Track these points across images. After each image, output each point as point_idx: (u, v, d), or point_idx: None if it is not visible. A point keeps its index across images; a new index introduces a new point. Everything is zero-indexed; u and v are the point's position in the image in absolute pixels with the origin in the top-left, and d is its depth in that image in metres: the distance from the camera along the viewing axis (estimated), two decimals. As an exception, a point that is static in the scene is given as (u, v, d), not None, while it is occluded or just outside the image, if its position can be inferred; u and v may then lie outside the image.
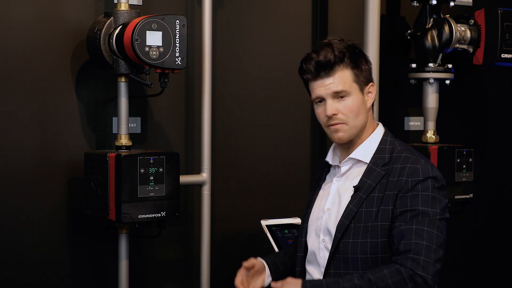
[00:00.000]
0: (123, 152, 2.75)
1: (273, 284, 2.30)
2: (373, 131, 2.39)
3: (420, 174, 2.25)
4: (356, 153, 2.36)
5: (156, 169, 2.73)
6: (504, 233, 4.06)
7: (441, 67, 3.48)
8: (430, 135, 3.52)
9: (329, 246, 2.32)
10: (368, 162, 2.34)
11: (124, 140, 2.86)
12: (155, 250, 3.13)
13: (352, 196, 2.31)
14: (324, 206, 2.38)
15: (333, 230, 2.31)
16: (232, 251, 3.32)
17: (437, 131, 3.55)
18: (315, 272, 2.37)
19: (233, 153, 3.31)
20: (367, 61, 2.36)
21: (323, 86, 2.32)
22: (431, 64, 3.47)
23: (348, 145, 2.38)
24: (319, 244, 2.36)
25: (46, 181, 2.90)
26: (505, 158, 4.04)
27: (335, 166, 2.42)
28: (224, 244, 3.28)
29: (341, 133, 2.34)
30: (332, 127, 2.33)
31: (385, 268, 2.19)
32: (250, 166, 3.34)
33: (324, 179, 2.46)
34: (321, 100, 2.33)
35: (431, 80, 3.47)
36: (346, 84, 2.31)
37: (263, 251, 3.25)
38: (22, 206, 2.86)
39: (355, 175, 2.35)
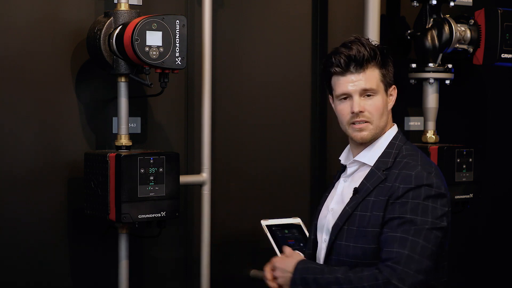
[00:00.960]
0: (123, 152, 2.75)
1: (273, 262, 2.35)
2: (384, 133, 2.34)
3: (412, 182, 2.19)
4: (361, 156, 2.32)
5: (156, 169, 2.73)
6: (504, 233, 4.06)
7: (441, 67, 3.48)
8: (430, 135, 3.52)
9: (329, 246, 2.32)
10: (372, 165, 2.30)
11: (124, 140, 2.86)
12: (155, 250, 3.13)
13: (350, 198, 2.30)
14: (329, 205, 2.38)
15: (331, 231, 2.31)
16: (232, 251, 3.32)
17: (437, 131, 3.55)
18: None
19: (233, 153, 3.31)
20: (393, 63, 2.34)
21: (351, 82, 2.27)
22: (431, 64, 3.47)
23: (363, 145, 2.34)
24: (322, 243, 2.36)
25: (46, 181, 2.89)
26: (505, 158, 4.04)
27: (345, 166, 2.40)
28: (224, 244, 3.28)
29: (366, 132, 2.29)
30: (356, 126, 2.29)
31: (366, 270, 2.16)
32: (250, 166, 3.34)
33: (339, 177, 2.43)
34: (347, 96, 2.29)
35: (431, 80, 3.47)
36: (374, 83, 2.27)
37: (263, 251, 3.26)
38: (22, 206, 2.86)
39: (359, 177, 2.33)
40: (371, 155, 2.32)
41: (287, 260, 2.33)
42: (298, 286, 2.24)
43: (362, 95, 2.28)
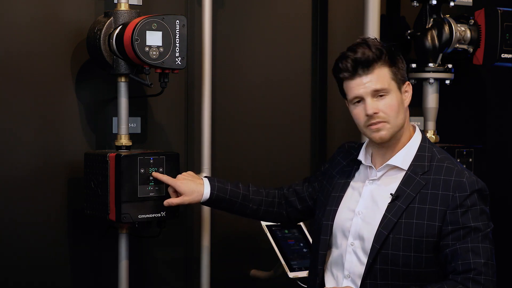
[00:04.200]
0: (123, 152, 2.75)
1: None
2: (410, 135, 2.33)
3: (467, 189, 2.21)
4: (395, 160, 2.30)
5: (156, 169, 2.73)
6: (504, 233, 4.05)
7: (441, 67, 3.48)
8: (430, 135, 3.52)
9: (359, 251, 2.29)
10: (406, 169, 2.29)
11: (124, 140, 2.86)
12: (155, 250, 3.13)
13: (389, 205, 2.26)
14: (355, 208, 2.33)
15: (367, 237, 2.27)
16: (232, 251, 3.32)
17: (437, 131, 3.54)
18: (339, 274, 2.34)
19: (233, 153, 3.31)
20: (403, 60, 2.31)
21: (361, 85, 2.26)
22: (431, 64, 3.47)
23: (385, 147, 2.32)
24: (347, 247, 2.32)
25: (46, 181, 2.89)
26: (505, 158, 4.04)
27: (367, 166, 2.37)
28: (224, 244, 3.28)
29: (383, 132, 2.28)
30: (373, 127, 2.27)
31: (446, 285, 2.18)
32: (250, 166, 3.34)
33: (353, 176, 2.41)
34: (360, 100, 2.28)
35: (431, 80, 3.47)
36: (385, 82, 2.25)
37: (263, 251, 3.26)
38: (22, 206, 2.86)
39: (390, 181, 2.30)
40: (403, 159, 2.30)
41: None
42: None
43: (374, 96, 2.26)
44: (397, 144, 2.32)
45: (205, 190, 2.58)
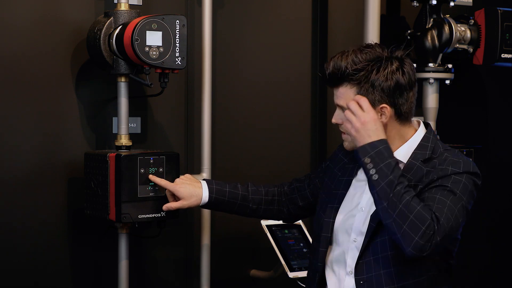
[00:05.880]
0: (123, 152, 2.75)
1: None
2: (412, 134, 2.34)
3: (461, 167, 2.23)
4: (397, 154, 2.29)
5: (156, 169, 2.73)
6: (504, 233, 4.06)
7: (441, 67, 3.48)
8: (430, 135, 3.52)
9: (360, 247, 2.29)
10: (406, 160, 2.30)
11: (124, 140, 2.86)
12: (155, 250, 3.13)
13: None
14: (358, 204, 2.34)
15: (364, 231, 2.28)
16: (232, 251, 3.32)
17: (437, 131, 3.55)
18: (341, 272, 2.34)
19: (233, 153, 3.31)
20: (392, 79, 2.24)
21: (334, 94, 2.34)
22: (431, 64, 3.47)
23: None
24: (349, 243, 2.32)
25: (46, 181, 2.89)
26: (505, 158, 4.04)
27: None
28: (224, 244, 3.28)
29: (346, 143, 2.36)
30: (342, 135, 2.37)
31: (421, 204, 2.15)
32: (250, 166, 3.34)
33: (356, 174, 2.41)
34: None
35: (431, 80, 3.48)
36: (345, 101, 2.28)
37: (263, 251, 3.26)
38: (22, 206, 2.86)
39: None
40: (405, 153, 2.31)
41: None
42: (368, 152, 2.20)
43: (341, 108, 2.32)
44: (394, 143, 2.32)
45: (204, 193, 2.58)
